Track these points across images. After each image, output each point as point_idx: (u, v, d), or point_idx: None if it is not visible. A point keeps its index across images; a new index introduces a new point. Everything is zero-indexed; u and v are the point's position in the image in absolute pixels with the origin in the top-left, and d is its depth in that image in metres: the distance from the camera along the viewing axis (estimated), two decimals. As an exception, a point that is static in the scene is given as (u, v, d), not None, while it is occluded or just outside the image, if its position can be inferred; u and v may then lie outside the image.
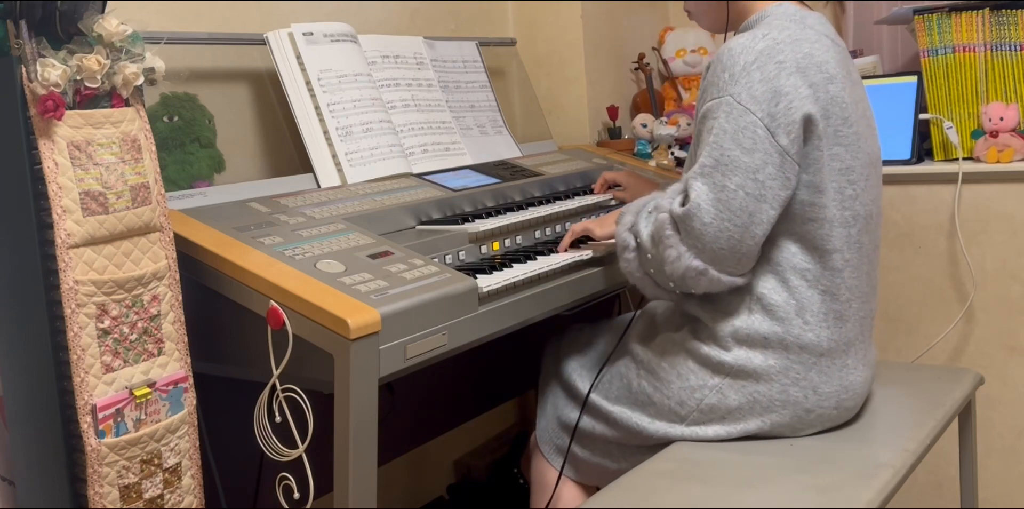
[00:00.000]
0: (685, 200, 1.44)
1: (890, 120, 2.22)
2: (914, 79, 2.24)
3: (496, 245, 1.69)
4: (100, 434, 1.21)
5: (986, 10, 2.12)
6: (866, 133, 1.53)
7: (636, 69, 2.72)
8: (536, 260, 1.63)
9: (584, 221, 1.71)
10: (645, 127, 2.53)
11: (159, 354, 1.28)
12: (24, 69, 1.16)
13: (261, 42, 1.78)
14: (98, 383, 1.21)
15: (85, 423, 1.20)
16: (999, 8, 2.11)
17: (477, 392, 2.28)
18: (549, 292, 1.58)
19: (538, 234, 1.81)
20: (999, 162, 2.09)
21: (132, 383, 1.24)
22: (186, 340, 1.32)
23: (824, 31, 1.52)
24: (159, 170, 1.30)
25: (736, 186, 1.39)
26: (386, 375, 1.30)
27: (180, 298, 1.31)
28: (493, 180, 1.96)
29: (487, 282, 1.46)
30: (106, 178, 1.21)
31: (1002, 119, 2.09)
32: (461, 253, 1.61)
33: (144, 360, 1.26)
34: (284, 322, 1.28)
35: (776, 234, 1.47)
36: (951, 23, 2.15)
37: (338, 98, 1.81)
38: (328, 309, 1.24)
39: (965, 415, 1.75)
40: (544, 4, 2.56)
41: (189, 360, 1.32)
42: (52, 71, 1.16)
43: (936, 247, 2.19)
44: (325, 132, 1.78)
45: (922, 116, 2.21)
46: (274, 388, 1.29)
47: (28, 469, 1.29)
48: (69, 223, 1.18)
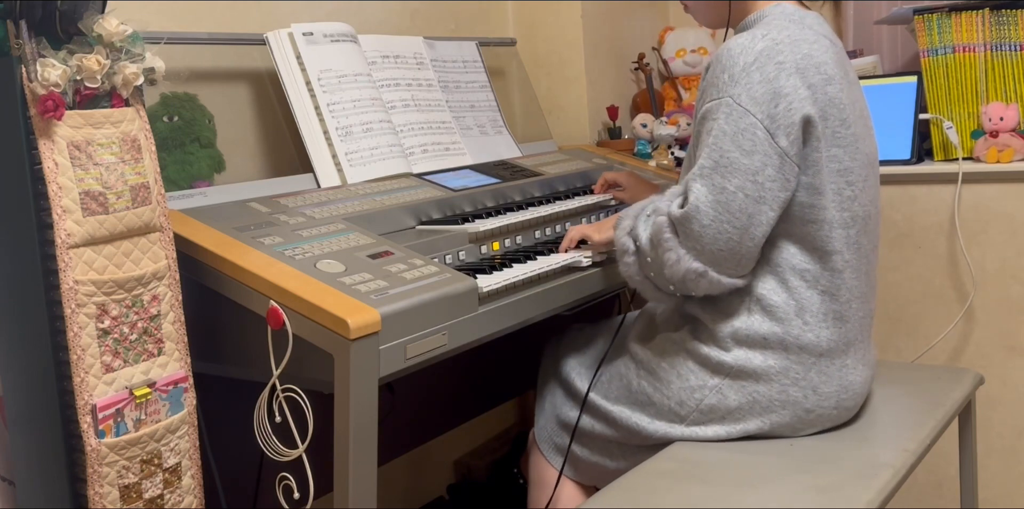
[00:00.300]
0: (684, 202, 1.44)
1: (890, 120, 2.22)
2: (914, 79, 2.24)
3: (496, 245, 1.69)
4: (100, 434, 1.21)
5: (986, 10, 2.12)
6: (863, 134, 1.52)
7: (636, 69, 2.72)
8: (536, 260, 1.63)
9: (581, 226, 1.70)
10: (645, 127, 2.53)
11: (159, 354, 1.28)
12: (24, 69, 1.16)
13: (261, 42, 1.78)
14: (98, 383, 1.21)
15: (85, 423, 1.20)
16: (999, 8, 2.11)
17: (477, 392, 2.28)
18: (549, 292, 1.59)
19: (538, 234, 1.81)
20: (999, 162, 2.09)
21: (132, 383, 1.24)
22: (186, 340, 1.32)
23: (822, 31, 1.52)
24: (159, 170, 1.30)
25: (735, 188, 1.39)
26: (386, 375, 1.30)
27: (180, 298, 1.31)
28: (493, 180, 1.96)
29: (487, 282, 1.46)
30: (106, 178, 1.21)
31: (1002, 119, 2.09)
32: (461, 253, 1.61)
33: (144, 360, 1.26)
34: (284, 322, 1.28)
35: (775, 235, 1.46)
36: (951, 23, 2.15)
37: (338, 98, 1.81)
38: (328, 309, 1.24)
39: (965, 415, 1.75)
40: (544, 4, 2.56)
41: (189, 360, 1.32)
42: (52, 71, 1.16)
43: (936, 247, 2.19)
44: (325, 132, 1.78)
45: (922, 116, 2.20)
46: (274, 388, 1.29)
47: (28, 469, 1.29)
48: (69, 223, 1.18)
